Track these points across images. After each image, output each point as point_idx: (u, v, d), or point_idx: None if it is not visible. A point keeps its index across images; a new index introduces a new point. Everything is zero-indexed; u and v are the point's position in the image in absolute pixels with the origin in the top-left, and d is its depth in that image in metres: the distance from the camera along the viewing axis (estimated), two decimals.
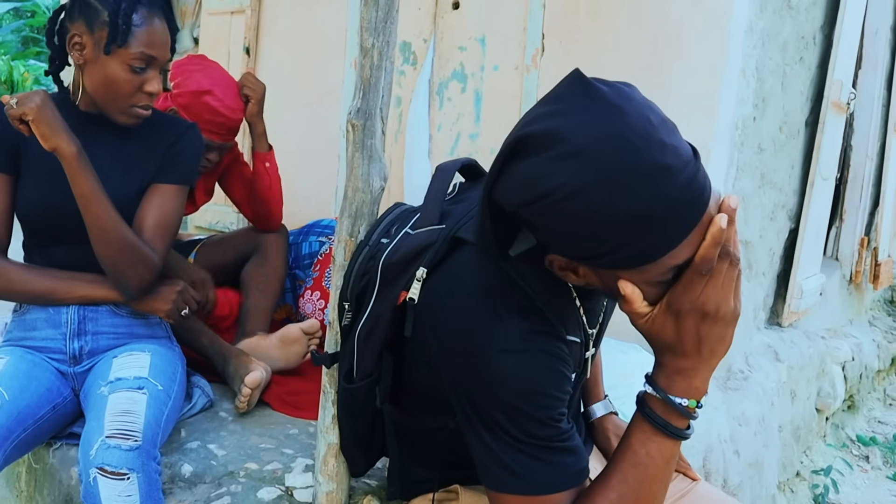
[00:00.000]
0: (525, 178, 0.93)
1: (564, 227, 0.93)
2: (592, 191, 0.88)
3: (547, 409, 1.03)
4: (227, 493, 1.61)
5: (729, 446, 2.47)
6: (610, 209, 0.88)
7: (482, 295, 1.08)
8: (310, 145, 3.50)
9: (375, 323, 1.25)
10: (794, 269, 3.16)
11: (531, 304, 1.07)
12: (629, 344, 2.26)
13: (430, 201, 1.29)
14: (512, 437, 1.04)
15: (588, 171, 0.88)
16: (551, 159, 0.90)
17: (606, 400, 1.53)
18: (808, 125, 3.16)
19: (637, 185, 0.87)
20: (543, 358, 1.04)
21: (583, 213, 0.90)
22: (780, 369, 3.02)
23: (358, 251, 1.35)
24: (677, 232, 0.91)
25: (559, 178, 0.90)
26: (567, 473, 1.05)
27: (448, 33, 2.96)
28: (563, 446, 1.05)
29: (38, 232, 1.75)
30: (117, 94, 1.68)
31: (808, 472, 3.34)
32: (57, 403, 1.70)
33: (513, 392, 1.02)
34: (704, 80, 2.34)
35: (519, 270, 1.08)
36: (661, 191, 0.88)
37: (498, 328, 1.04)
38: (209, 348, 2.09)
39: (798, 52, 2.90)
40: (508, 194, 0.97)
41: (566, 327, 1.11)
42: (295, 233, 2.73)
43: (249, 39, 3.78)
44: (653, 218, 0.89)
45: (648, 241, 0.91)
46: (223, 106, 2.23)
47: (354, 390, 1.33)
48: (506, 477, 1.05)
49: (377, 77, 1.40)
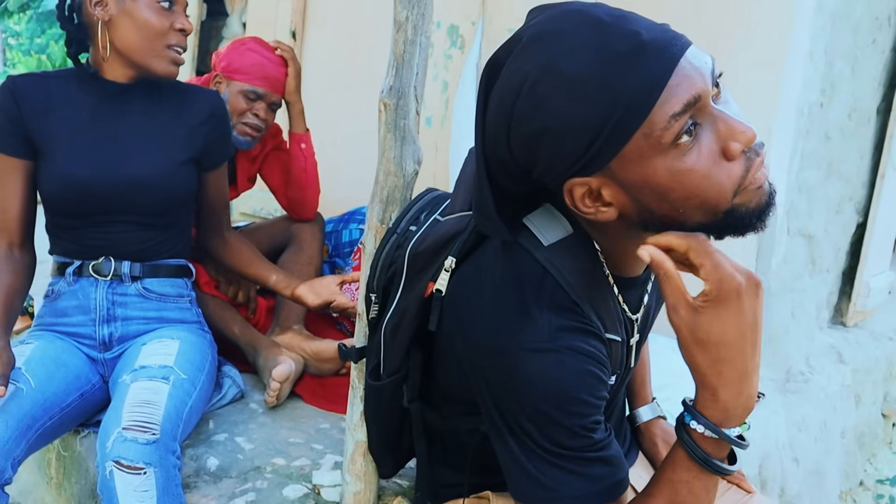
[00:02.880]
0: (500, 92, 0.90)
1: (554, 113, 0.85)
2: (555, 59, 0.85)
3: (579, 416, 0.93)
4: (252, 488, 1.56)
5: (787, 453, 2.35)
6: (578, 68, 0.84)
7: (511, 288, 0.98)
8: (355, 129, 3.44)
9: (402, 316, 1.17)
10: (861, 265, 3.03)
11: (566, 297, 0.96)
12: None
13: (461, 186, 1.20)
14: (539, 447, 0.94)
15: (547, 47, 0.86)
16: (512, 61, 0.89)
17: (654, 403, 1.43)
18: (879, 112, 3.00)
19: (597, 37, 0.84)
20: (577, 359, 0.94)
21: (556, 87, 0.85)
22: (844, 371, 2.88)
23: (385, 239, 1.27)
24: (657, 57, 0.83)
25: (524, 67, 0.87)
26: (601, 487, 0.95)
27: (497, 15, 2.86)
28: (598, 456, 0.96)
29: (66, 213, 1.70)
30: (151, 36, 1.64)
31: (873, 481, 3.20)
32: (85, 391, 1.67)
33: (542, 396, 0.92)
34: (768, 63, 2.22)
35: (552, 261, 0.98)
36: (625, 32, 0.84)
37: (527, 325, 0.94)
38: (240, 338, 2.05)
39: (871, 33, 2.74)
40: (497, 118, 0.91)
41: (605, 324, 1.00)
42: (335, 220, 2.68)
43: (296, 23, 3.75)
44: (619, 54, 0.83)
45: (630, 81, 0.82)
46: (262, 53, 2.24)
47: (381, 388, 1.25)
48: (533, 488, 0.96)
49: (411, 53, 1.31)
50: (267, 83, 2.22)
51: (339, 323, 2.49)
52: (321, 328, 2.37)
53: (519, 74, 0.87)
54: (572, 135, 0.85)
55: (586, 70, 0.83)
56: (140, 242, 1.73)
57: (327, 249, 2.61)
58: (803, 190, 2.53)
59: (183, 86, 1.81)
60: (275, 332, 2.15)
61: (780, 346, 2.54)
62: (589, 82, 0.83)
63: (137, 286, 1.74)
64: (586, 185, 0.90)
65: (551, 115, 0.85)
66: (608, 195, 0.90)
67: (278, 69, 2.25)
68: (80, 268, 1.72)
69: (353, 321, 2.20)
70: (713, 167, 0.85)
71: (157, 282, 1.76)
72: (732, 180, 0.86)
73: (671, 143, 0.83)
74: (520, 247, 1.00)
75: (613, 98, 0.82)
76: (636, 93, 0.82)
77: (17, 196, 1.68)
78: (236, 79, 2.19)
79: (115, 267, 1.71)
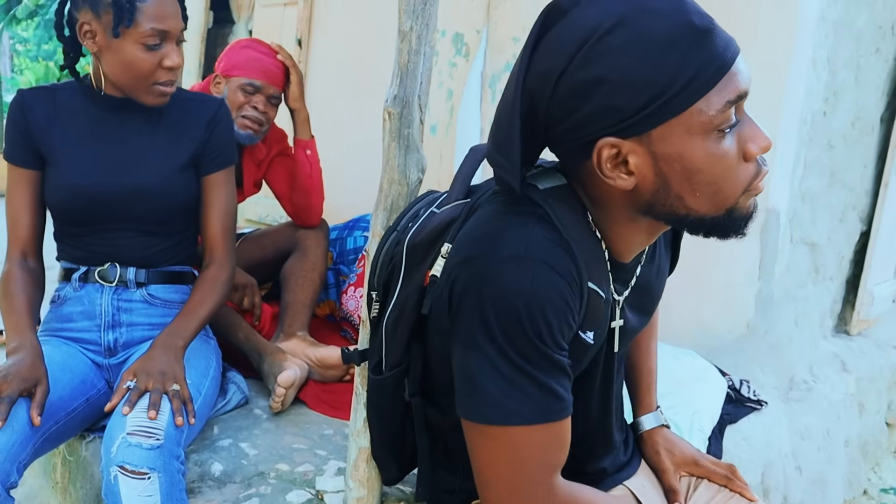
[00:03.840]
0: (563, 34, 0.92)
1: (620, 65, 0.88)
2: (634, 15, 0.88)
3: (540, 332, 0.93)
4: (255, 494, 1.56)
5: (790, 461, 2.34)
6: (657, 29, 0.88)
7: (503, 215, 1.01)
8: (359, 138, 3.46)
9: (402, 308, 1.18)
10: (864, 274, 3.03)
11: (555, 231, 0.98)
12: (684, 350, 2.16)
13: (458, 179, 1.22)
14: (499, 358, 0.94)
15: (628, 1, 0.89)
16: (586, 7, 0.91)
17: (658, 412, 1.43)
18: (883, 121, 3.00)
19: (678, 4, 0.89)
20: (548, 274, 0.94)
21: (631, 41, 0.88)
22: (848, 380, 2.87)
23: (385, 238, 1.29)
24: (724, 45, 0.90)
25: (598, 16, 0.89)
26: (543, 410, 0.96)
27: (501, 24, 2.87)
28: (549, 385, 0.96)
29: (71, 221, 1.72)
30: (138, 75, 1.64)
31: (877, 490, 3.18)
32: (90, 396, 1.68)
33: (508, 304, 0.92)
34: (772, 71, 2.23)
35: (549, 202, 1.00)
36: (702, 12, 0.90)
37: (509, 237, 0.96)
38: (245, 344, 2.05)
39: (874, 42, 2.74)
40: (551, 58, 0.93)
41: (590, 271, 1.01)
42: (340, 227, 2.69)
43: (302, 31, 3.77)
44: (697, 28, 0.88)
45: (702, 56, 0.88)
46: (257, 49, 2.27)
47: (383, 382, 1.26)
48: (480, 402, 0.96)
49: (415, 62, 1.33)
50: (263, 75, 2.24)
51: (343, 330, 2.50)
52: (325, 335, 2.38)
53: (591, 20, 0.90)
54: (632, 90, 0.88)
55: (663, 31, 0.87)
56: (144, 249, 1.74)
57: (332, 256, 2.63)
58: (807, 198, 2.53)
59: (186, 94, 1.82)
60: (279, 339, 2.16)
61: (784, 355, 2.54)
62: (664, 44, 0.87)
63: (142, 292, 1.75)
64: (616, 148, 0.93)
65: (616, 66, 0.88)
66: (634, 163, 0.93)
67: (275, 63, 2.27)
68: (86, 274, 1.74)
69: (356, 328, 2.21)
70: (737, 162, 0.93)
71: (161, 288, 1.78)
72: (745, 179, 0.95)
73: (717, 127, 0.90)
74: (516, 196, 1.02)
75: (683, 66, 0.87)
76: (704, 68, 0.88)
77: (27, 206, 1.70)
78: (234, 75, 2.23)
79: (120, 273, 1.73)
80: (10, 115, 1.70)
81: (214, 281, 1.75)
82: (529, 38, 0.96)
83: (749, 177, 0.94)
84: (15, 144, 1.69)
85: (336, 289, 2.57)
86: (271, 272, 2.44)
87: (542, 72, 0.94)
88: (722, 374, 2.19)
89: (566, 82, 0.92)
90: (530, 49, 0.95)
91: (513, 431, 0.96)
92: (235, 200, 1.86)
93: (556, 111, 0.94)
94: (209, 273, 1.77)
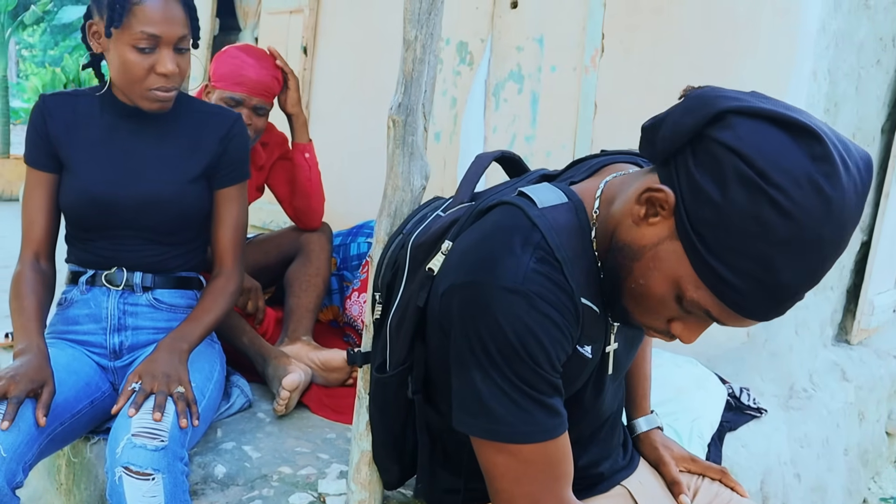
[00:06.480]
0: (732, 152, 0.86)
1: (743, 219, 0.86)
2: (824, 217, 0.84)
3: (536, 359, 0.99)
4: (258, 496, 1.58)
5: (789, 469, 2.35)
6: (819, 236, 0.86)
7: (500, 233, 1.04)
8: (364, 145, 3.48)
9: (406, 307, 1.21)
10: (865, 283, 3.04)
11: (549, 252, 1.01)
12: (684, 357, 2.17)
13: (464, 184, 1.26)
14: (499, 378, 1.00)
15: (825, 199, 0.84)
16: (781, 158, 0.85)
17: (652, 415, 1.47)
18: (883, 132, 3.01)
19: (839, 227, 0.86)
20: (542, 306, 0.99)
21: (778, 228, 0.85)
22: (848, 389, 2.88)
23: (390, 242, 1.32)
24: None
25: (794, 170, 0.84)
26: (539, 429, 1.02)
27: (505, 33, 2.89)
28: (548, 403, 1.02)
29: (83, 225, 1.74)
30: (131, 78, 1.64)
31: (877, 499, 3.18)
32: (95, 398, 1.69)
33: (506, 332, 0.98)
34: (772, 82, 2.24)
35: (544, 219, 1.03)
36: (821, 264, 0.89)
37: (506, 264, 0.99)
38: (249, 348, 2.07)
39: (875, 54, 2.76)
40: (686, 125, 0.89)
41: (582, 290, 1.05)
42: (343, 233, 2.71)
43: (307, 39, 3.79)
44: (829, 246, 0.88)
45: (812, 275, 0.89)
46: (240, 59, 2.26)
47: (386, 380, 1.28)
48: (480, 417, 1.02)
49: (419, 71, 1.35)
50: (243, 88, 2.24)
51: (347, 335, 2.52)
52: (329, 340, 2.40)
53: (785, 174, 0.84)
54: (735, 254, 0.88)
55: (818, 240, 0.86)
56: (152, 256, 1.76)
57: (335, 262, 2.64)
58: None
59: (204, 106, 1.83)
60: (283, 343, 2.17)
61: (784, 363, 2.55)
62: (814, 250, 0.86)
63: (148, 297, 1.77)
64: (665, 217, 0.94)
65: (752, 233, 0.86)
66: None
67: (263, 72, 2.26)
68: (93, 277, 1.75)
69: (360, 333, 2.23)
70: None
71: (167, 293, 1.79)
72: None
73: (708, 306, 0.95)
74: (515, 207, 1.06)
75: (812, 275, 0.89)
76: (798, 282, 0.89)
77: (43, 209, 1.73)
78: (218, 87, 2.25)
79: (126, 277, 1.75)
80: (31, 119, 1.74)
81: (222, 291, 1.78)
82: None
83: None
84: (35, 148, 1.72)
85: (340, 294, 2.59)
86: (275, 276, 2.45)
87: (676, 131, 0.92)
88: (722, 382, 2.20)
89: (702, 153, 0.89)
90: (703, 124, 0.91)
91: (527, 448, 1.02)
92: (247, 214, 1.87)
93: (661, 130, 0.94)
94: (218, 283, 1.79)
